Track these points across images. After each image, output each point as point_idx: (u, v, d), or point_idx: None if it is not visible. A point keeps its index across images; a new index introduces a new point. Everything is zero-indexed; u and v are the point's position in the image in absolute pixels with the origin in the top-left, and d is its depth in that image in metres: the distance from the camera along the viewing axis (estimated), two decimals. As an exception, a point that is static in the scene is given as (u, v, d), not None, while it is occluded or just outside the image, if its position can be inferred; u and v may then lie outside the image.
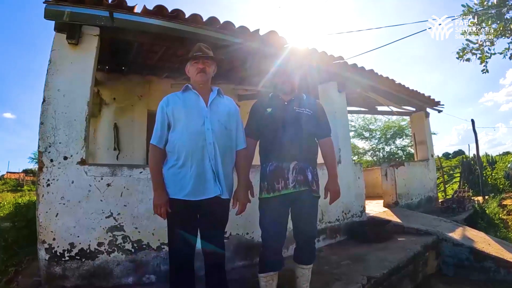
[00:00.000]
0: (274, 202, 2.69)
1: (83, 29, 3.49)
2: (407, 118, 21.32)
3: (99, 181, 3.24)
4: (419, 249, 4.49)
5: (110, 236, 3.22)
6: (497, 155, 22.68)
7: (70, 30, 3.38)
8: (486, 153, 16.53)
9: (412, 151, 22.98)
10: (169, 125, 2.50)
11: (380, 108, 10.37)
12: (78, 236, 3.13)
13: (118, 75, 6.61)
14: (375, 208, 7.00)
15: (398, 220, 5.79)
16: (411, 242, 4.78)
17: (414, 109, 9.39)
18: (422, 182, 8.53)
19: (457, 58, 8.65)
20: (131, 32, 3.75)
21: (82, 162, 3.23)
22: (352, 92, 6.76)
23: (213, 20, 3.84)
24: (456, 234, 5.30)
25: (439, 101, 9.25)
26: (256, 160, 2.93)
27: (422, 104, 8.89)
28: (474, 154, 15.95)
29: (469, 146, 20.42)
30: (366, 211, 5.90)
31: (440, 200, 8.94)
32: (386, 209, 6.80)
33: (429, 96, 8.69)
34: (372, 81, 6.28)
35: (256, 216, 2.84)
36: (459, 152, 45.78)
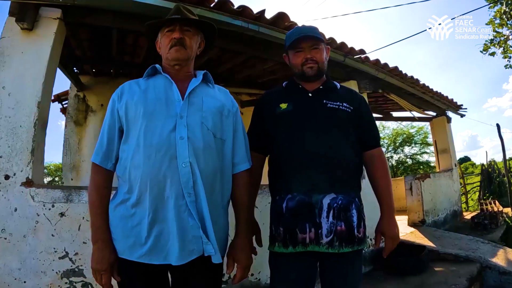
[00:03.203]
0: (294, 260, 1.72)
1: (41, 11, 2.73)
2: (416, 125, 20.92)
3: (49, 209, 2.40)
4: (465, 284, 3.61)
5: (66, 283, 2.38)
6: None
7: (22, 11, 2.59)
8: (494, 159, 15.68)
9: (421, 159, 22.76)
10: (121, 131, 1.57)
11: (395, 114, 9.61)
12: (24, 282, 2.33)
13: (106, 78, 5.92)
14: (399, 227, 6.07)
15: (430, 244, 4.89)
16: (452, 274, 3.90)
17: (434, 114, 8.54)
18: (447, 195, 7.63)
19: (481, 51, 8.00)
20: (100, 14, 2.93)
21: (28, 183, 2.41)
22: (371, 94, 5.92)
23: (205, -5, 2.96)
24: (500, 259, 4.45)
25: (462, 105, 8.42)
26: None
27: (446, 107, 8.04)
28: (490, 161, 15.07)
29: (486, 153, 19.67)
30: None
31: (471, 216, 8.04)
32: (413, 229, 5.89)
33: (452, 99, 7.85)
34: (395, 80, 5.41)
35: (263, 250, 1.92)
36: (465, 159, 45.34)
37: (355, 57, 4.36)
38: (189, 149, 1.45)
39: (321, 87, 1.93)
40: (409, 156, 23.49)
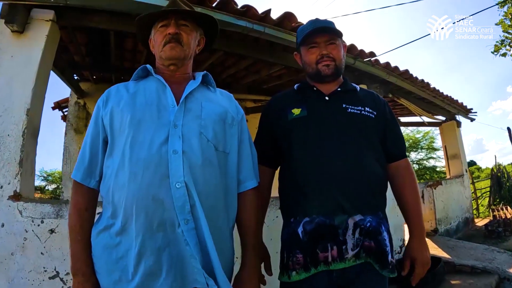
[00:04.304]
0: (314, 284, 1.45)
1: (33, 13, 2.56)
2: (422, 130, 20.71)
3: (38, 225, 2.21)
4: (485, 300, 3.40)
5: (57, 305, 2.18)
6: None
7: (12, 13, 2.44)
8: (501, 163, 15.33)
9: (428, 164, 22.45)
10: (106, 142, 1.34)
11: (403, 119, 9.40)
12: (12, 303, 2.12)
13: (107, 85, 5.58)
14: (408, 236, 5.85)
15: (445, 255, 4.66)
16: (470, 287, 3.69)
17: (444, 119, 8.31)
18: (459, 202, 7.39)
19: (493, 52, 7.87)
20: (96, 15, 2.75)
21: (16, 197, 2.23)
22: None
23: (205, -6, 2.77)
24: (517, 269, 4.22)
25: (471, 108, 8.18)
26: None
27: (456, 112, 7.81)
28: (498, 165, 14.77)
29: (495, 157, 19.33)
30: (400, 241, 4.77)
31: (483, 222, 7.81)
32: (426, 238, 5.67)
33: (462, 103, 7.61)
34: (406, 83, 5.20)
35: (274, 262, 1.70)
36: (471, 163, 45.16)
37: (365, 60, 4.17)
38: (184, 165, 1.20)
39: (339, 89, 1.67)
40: (415, 162, 23.21)
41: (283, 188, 1.67)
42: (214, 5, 2.84)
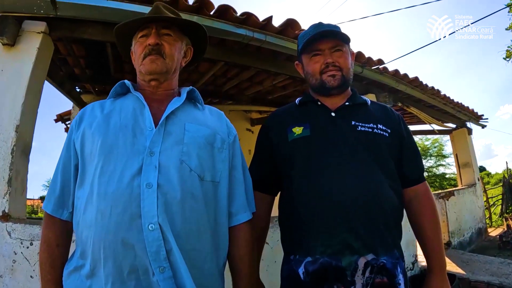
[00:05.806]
0: None
1: (24, 25, 2.47)
2: (431, 137, 20.46)
3: (27, 247, 2.09)
4: (505, 321, 3.21)
5: (46, 332, 2.05)
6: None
7: (2, 25, 2.33)
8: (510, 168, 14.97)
9: (437, 172, 22.14)
10: (78, 168, 1.17)
11: (412, 128, 9.23)
12: (0, 328, 2.02)
13: (110, 98, 5.59)
14: (420, 251, 5.64)
15: (459, 270, 4.46)
16: (489, 307, 3.51)
17: (454, 126, 8.10)
18: (472, 212, 7.17)
19: (505, 58, 7.75)
20: (88, 26, 2.65)
21: (5, 217, 2.12)
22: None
23: (204, 3, 2.64)
24: (536, 285, 4.03)
25: (482, 115, 7.98)
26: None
27: (467, 119, 7.63)
28: (509, 170, 14.46)
29: (507, 163, 18.87)
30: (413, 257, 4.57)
31: (496, 232, 7.59)
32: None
33: (473, 110, 7.41)
34: (416, 91, 5.03)
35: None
36: (480, 169, 44.74)
37: (373, 68, 4.02)
38: (158, 202, 1.01)
39: (347, 103, 1.48)
40: (424, 170, 23.04)
41: (283, 219, 1.49)
42: (212, 13, 2.72)
